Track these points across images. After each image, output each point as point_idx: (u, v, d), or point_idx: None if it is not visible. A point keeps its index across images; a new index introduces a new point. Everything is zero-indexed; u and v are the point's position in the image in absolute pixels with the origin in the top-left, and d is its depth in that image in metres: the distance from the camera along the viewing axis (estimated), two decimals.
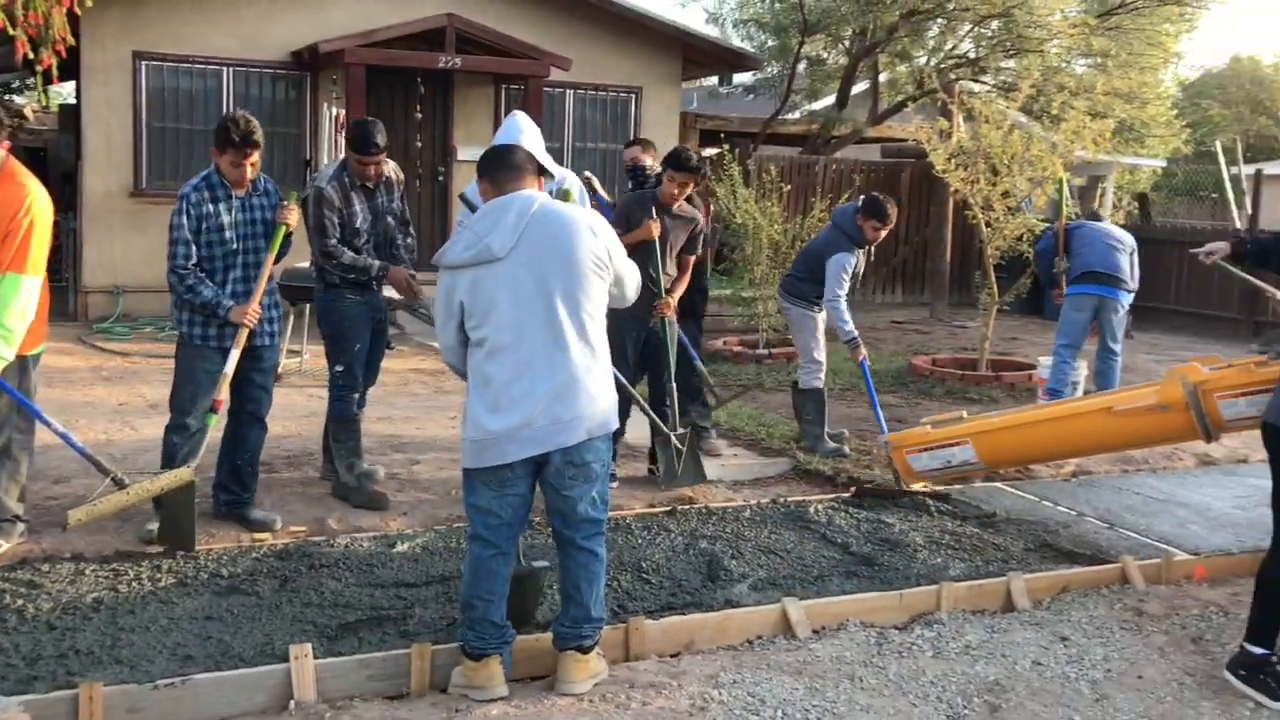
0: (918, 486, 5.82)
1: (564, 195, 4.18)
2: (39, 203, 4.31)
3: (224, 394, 4.81)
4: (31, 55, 7.57)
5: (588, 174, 6.71)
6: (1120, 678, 3.93)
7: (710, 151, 16.25)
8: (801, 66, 16.35)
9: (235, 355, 4.79)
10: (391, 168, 5.54)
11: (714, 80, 18.40)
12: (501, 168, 3.66)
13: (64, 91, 17.62)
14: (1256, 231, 4.86)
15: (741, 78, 18.06)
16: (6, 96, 18.94)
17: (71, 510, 4.31)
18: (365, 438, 5.87)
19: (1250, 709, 3.74)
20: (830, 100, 16.80)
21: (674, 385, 6.03)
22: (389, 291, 5.64)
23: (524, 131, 5.03)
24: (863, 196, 6.90)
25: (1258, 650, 3.86)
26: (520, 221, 3.51)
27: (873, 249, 7.09)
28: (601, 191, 6.71)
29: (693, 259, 6.21)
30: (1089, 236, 8.34)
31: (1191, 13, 15.85)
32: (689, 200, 6.14)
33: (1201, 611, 4.56)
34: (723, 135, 14.61)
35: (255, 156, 4.80)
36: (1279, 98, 33.43)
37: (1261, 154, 27.85)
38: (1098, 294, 8.11)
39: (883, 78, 16.25)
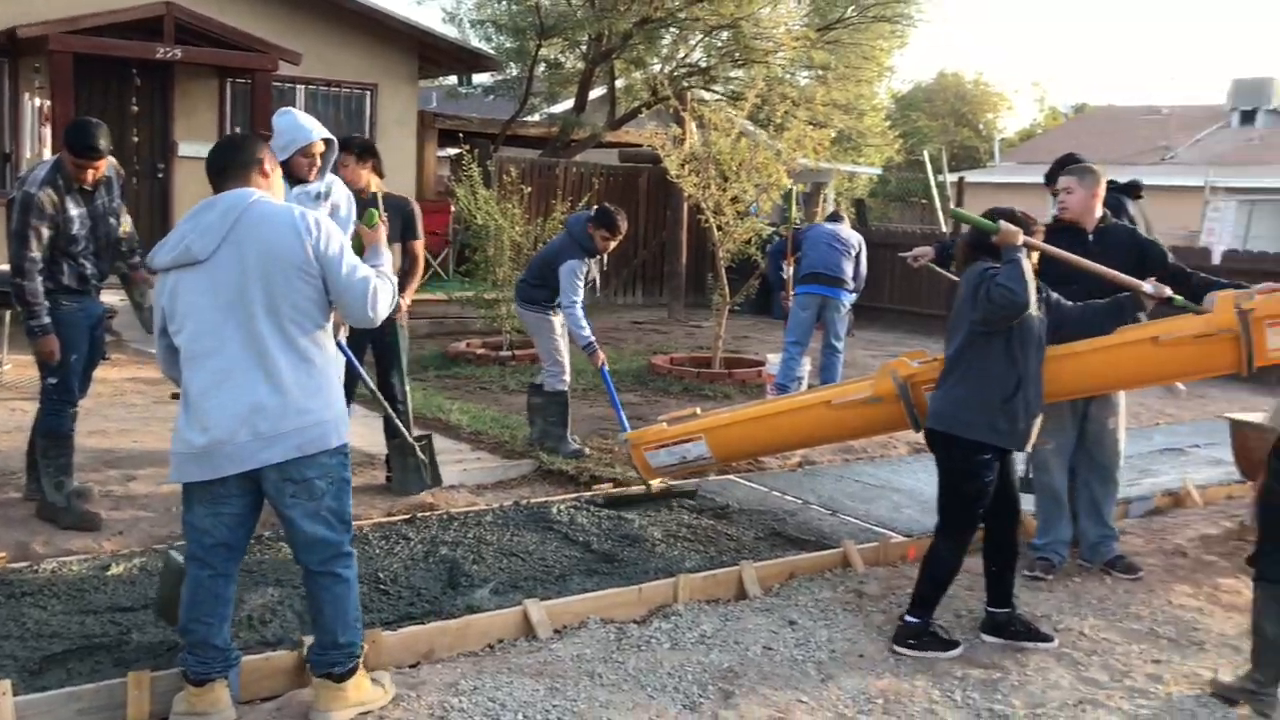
0: (656, 483, 5.96)
1: (369, 219, 3.86)
2: None
3: None
4: None
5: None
6: (844, 657, 4.16)
7: (450, 151, 16.12)
8: (540, 69, 16.45)
9: None
10: (111, 164, 5.14)
11: (453, 80, 18.21)
12: (220, 168, 3.42)
13: None
14: (956, 235, 5.28)
15: (481, 78, 17.96)
16: None
17: None
18: (76, 453, 5.45)
19: (959, 678, 4.03)
20: (569, 104, 16.98)
21: (407, 388, 5.94)
22: (109, 297, 5.24)
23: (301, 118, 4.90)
24: (595, 206, 7.01)
25: (916, 619, 4.27)
26: (224, 222, 3.28)
27: (614, 252, 7.23)
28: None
29: (418, 244, 6.03)
30: (814, 239, 8.82)
31: (903, 29, 17.03)
32: (391, 196, 5.91)
33: None
34: (462, 135, 14.50)
35: None
36: (979, 111, 36.39)
37: (964, 163, 30.25)
38: (821, 294, 8.60)
39: (619, 83, 16.57)
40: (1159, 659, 4.28)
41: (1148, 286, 4.71)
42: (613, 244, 6.79)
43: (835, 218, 9.50)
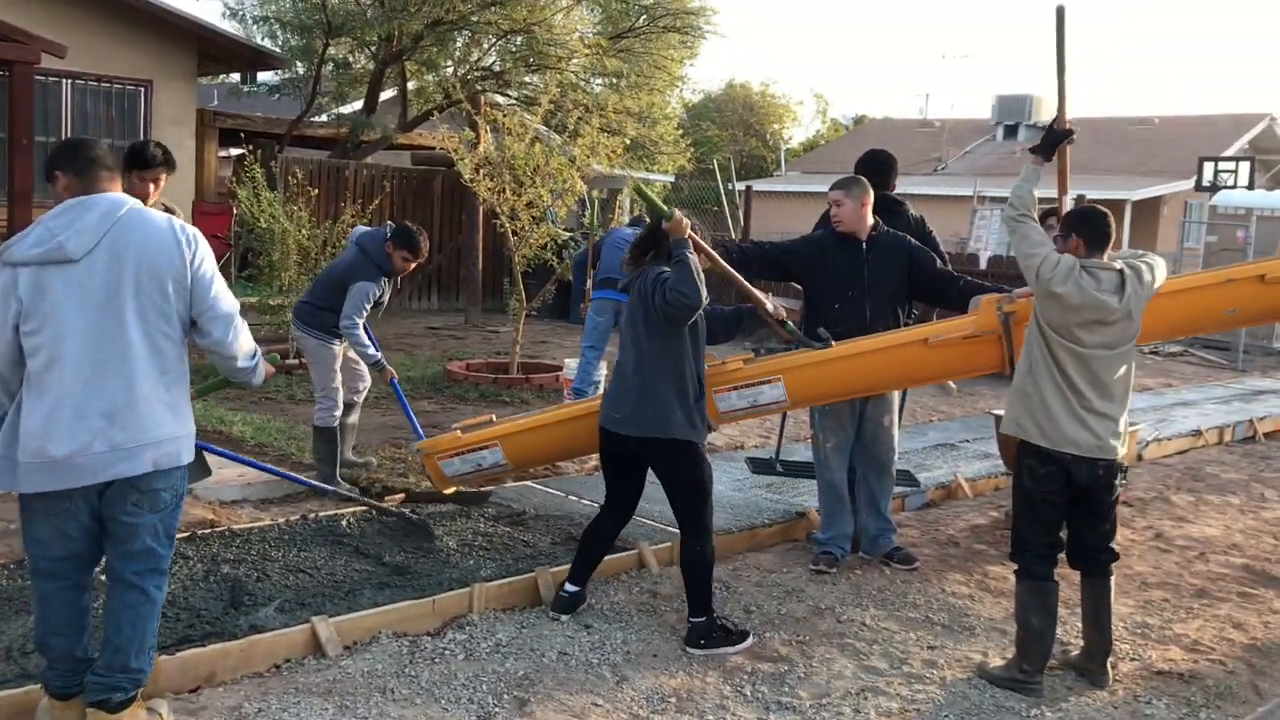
0: (449, 491, 5.88)
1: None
2: None
3: None
4: None
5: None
6: (638, 658, 4.21)
7: (233, 151, 15.49)
8: (328, 69, 16.01)
9: None
10: None
11: (236, 77, 17.50)
12: (90, 162, 3.27)
13: None
14: (743, 241, 5.41)
15: (265, 77, 17.33)
16: None
17: None
18: None
19: (748, 673, 4.15)
20: (359, 105, 16.59)
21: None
22: None
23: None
24: (390, 223, 6.54)
25: (701, 619, 4.38)
26: (104, 224, 3.19)
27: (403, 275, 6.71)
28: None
29: None
30: (611, 244, 8.90)
31: (692, 40, 17.42)
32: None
33: None
34: (244, 135, 13.95)
35: None
36: (766, 121, 37.59)
37: (752, 172, 31.21)
38: (616, 299, 8.67)
39: (411, 85, 16.31)
40: (934, 645, 4.52)
41: (769, 304, 4.94)
42: (412, 265, 6.28)
43: (638, 222, 9.58)
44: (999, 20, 78.65)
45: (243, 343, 3.43)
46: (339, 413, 6.28)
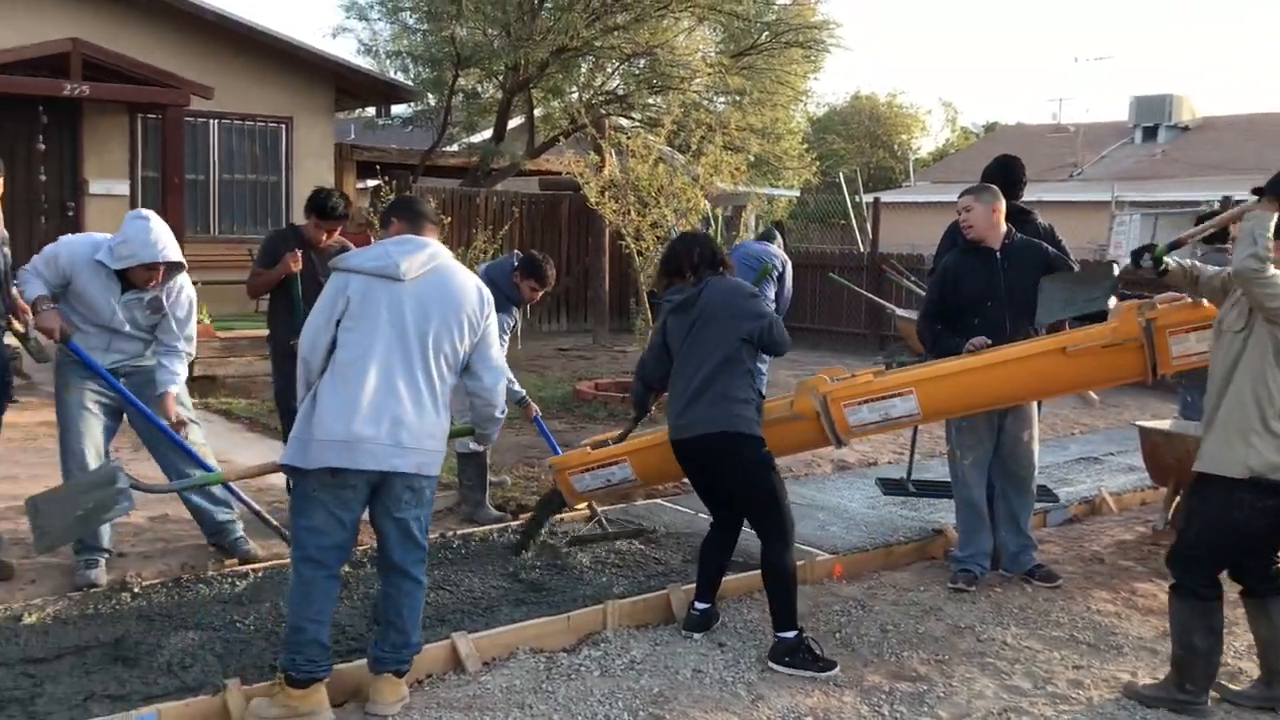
0: (580, 505, 5.94)
1: None
2: None
3: None
4: None
5: None
6: (773, 676, 4.18)
7: (369, 183, 16.00)
8: (458, 99, 16.42)
9: None
10: None
11: (371, 111, 18.09)
12: (419, 215, 3.96)
13: None
14: (926, 325, 5.07)
15: (399, 109, 17.86)
16: None
17: None
18: None
19: (886, 692, 4.09)
20: (488, 133, 16.96)
21: None
22: (10, 339, 5.12)
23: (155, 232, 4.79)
24: (518, 253, 6.60)
25: (789, 634, 4.30)
26: (430, 261, 3.76)
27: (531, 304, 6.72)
28: None
29: None
30: (737, 261, 8.86)
31: (816, 55, 17.31)
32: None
33: (842, 607, 4.95)
34: (379, 167, 14.40)
35: None
36: (893, 132, 37.08)
37: (880, 183, 30.80)
38: None
39: (538, 112, 16.61)
40: (1080, 664, 4.38)
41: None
42: (540, 295, 6.30)
43: (767, 236, 9.54)
44: (1134, 21, 76.08)
45: (502, 396, 4.02)
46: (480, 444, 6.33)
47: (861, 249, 17.13)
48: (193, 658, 4.04)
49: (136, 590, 4.73)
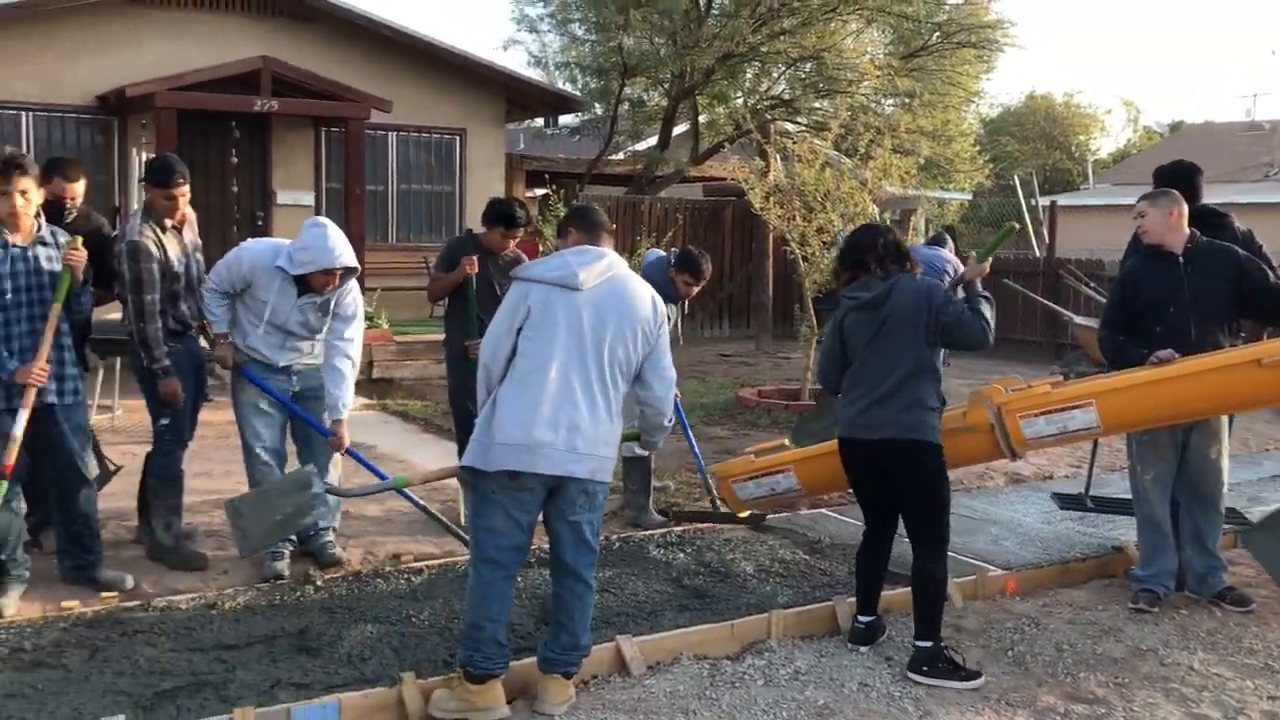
0: (744, 515, 5.93)
1: None
2: None
3: (12, 457, 4.48)
4: None
5: None
6: (941, 694, 4.08)
7: (537, 191, 16.37)
8: (624, 108, 16.63)
9: (24, 416, 4.49)
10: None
11: (540, 121, 18.51)
12: (596, 225, 4.12)
13: None
14: (1107, 336, 4.78)
15: (566, 119, 18.22)
16: None
17: None
18: (184, 494, 5.63)
19: (1061, 714, 3.94)
20: (653, 140, 17.12)
21: None
22: (204, 342, 5.46)
23: (332, 239, 5.04)
24: (674, 249, 6.65)
25: (928, 644, 4.19)
26: (607, 271, 3.86)
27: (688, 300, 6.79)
28: None
29: None
30: None
31: (989, 55, 16.84)
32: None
33: (1015, 624, 4.79)
34: (548, 176, 14.71)
35: (25, 184, 4.48)
36: (1071, 133, 35.73)
37: (1057, 186, 29.72)
38: None
39: (702, 118, 16.67)
40: (1275, 695, 4.13)
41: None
42: (695, 289, 6.31)
43: (938, 240, 9.31)
44: None
45: (670, 405, 4.08)
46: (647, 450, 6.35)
47: (1037, 254, 16.57)
48: (371, 650, 4.20)
49: (319, 583, 4.95)
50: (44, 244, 4.64)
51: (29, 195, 4.53)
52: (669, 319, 6.38)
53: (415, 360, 10.83)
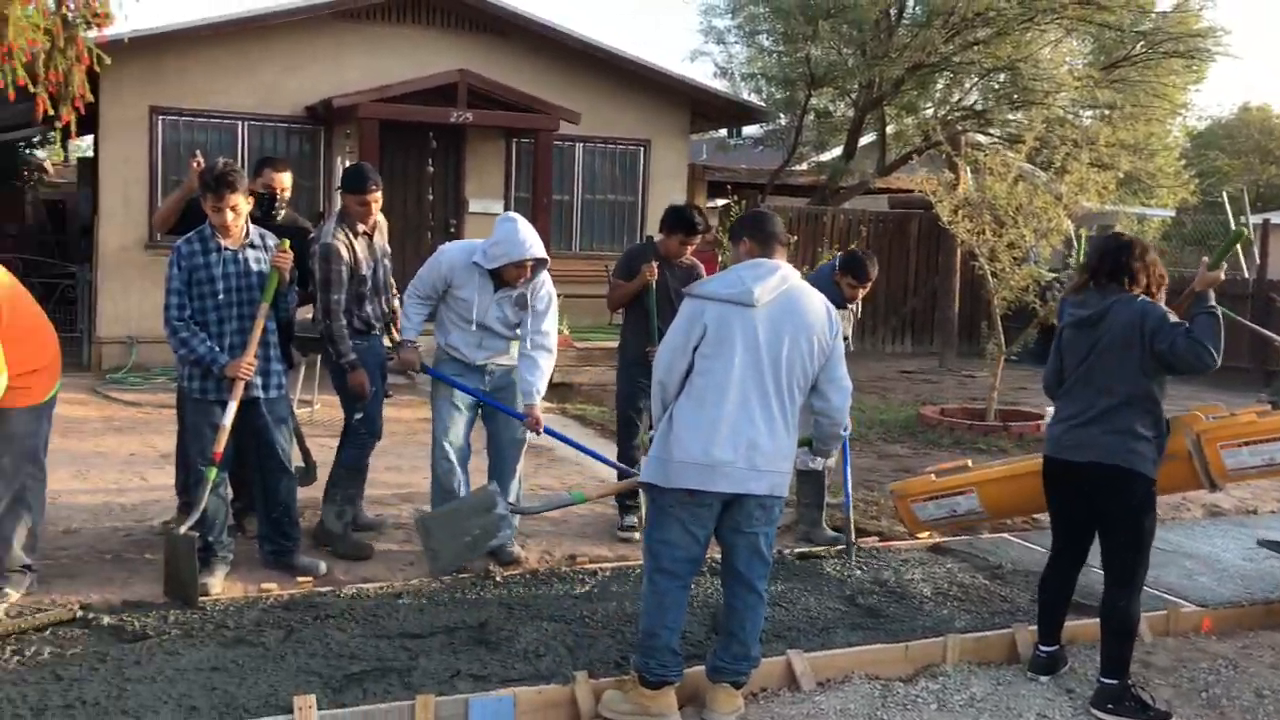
0: (923, 535, 5.81)
1: None
2: None
3: (221, 445, 4.81)
4: (51, 112, 7.71)
5: None
6: None
7: (719, 202, 16.43)
8: (809, 119, 16.52)
9: (233, 408, 4.82)
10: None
11: (723, 132, 18.56)
12: (771, 235, 3.97)
13: (83, 145, 17.86)
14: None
15: (750, 129, 18.22)
16: (28, 150, 19.26)
17: None
18: (373, 487, 5.89)
19: None
20: (838, 151, 16.94)
21: None
22: (388, 341, 5.72)
23: (522, 232, 5.24)
24: (839, 254, 6.59)
25: (1114, 681, 4.01)
26: (781, 285, 3.83)
27: (881, 299, 6.78)
28: None
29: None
30: None
31: (1198, 65, 15.97)
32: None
33: (1210, 665, 4.54)
34: (730, 186, 14.73)
35: (235, 200, 4.82)
36: None
37: (1272, 203, 27.92)
38: None
39: (889, 129, 16.40)
40: None
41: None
42: (861, 292, 6.19)
43: None
44: None
45: (846, 414, 4.07)
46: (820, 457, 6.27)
47: (1246, 275, 15.62)
48: (546, 647, 4.31)
49: (498, 580, 5.11)
50: (253, 247, 4.96)
51: (238, 208, 4.86)
52: (845, 329, 6.34)
53: (594, 366, 11.02)
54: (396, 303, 5.81)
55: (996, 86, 15.79)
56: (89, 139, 14.73)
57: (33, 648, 4.09)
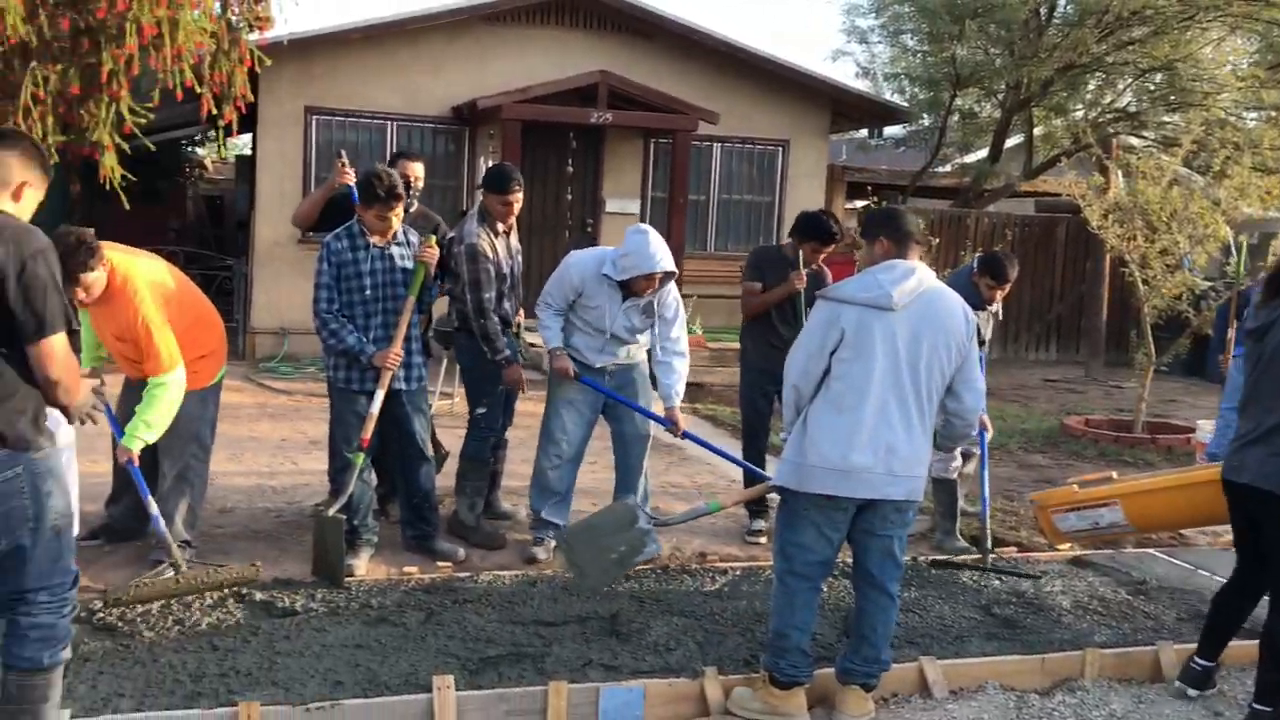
0: (1064, 547, 5.66)
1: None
2: (146, 302, 4.54)
3: (368, 433, 4.99)
4: (215, 111, 8.11)
5: None
6: None
7: (858, 203, 16.24)
8: (953, 119, 16.19)
9: (380, 397, 5.00)
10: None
11: (864, 132, 18.32)
12: (906, 235, 3.92)
13: (240, 143, 18.68)
14: None
15: (892, 130, 17.94)
16: (190, 148, 20.25)
17: (113, 588, 4.50)
18: (509, 479, 6.02)
19: None
20: (982, 153, 16.55)
21: None
22: (531, 337, 5.82)
23: (653, 245, 5.24)
24: (977, 257, 6.38)
25: (1268, 709, 3.81)
26: (918, 288, 3.79)
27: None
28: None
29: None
30: (1249, 295, 8.00)
31: None
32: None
33: None
34: (869, 187, 14.53)
35: (400, 209, 5.01)
36: None
37: None
38: None
39: (1037, 131, 15.95)
40: None
41: None
42: (1000, 293, 6.02)
43: None
44: None
45: (977, 416, 4.02)
46: (957, 464, 6.02)
47: None
48: (676, 641, 4.35)
49: (630, 574, 5.16)
50: (398, 243, 5.14)
51: (399, 215, 5.05)
52: (983, 332, 6.20)
53: (726, 367, 11.01)
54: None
55: (1152, 88, 15.21)
56: (246, 137, 15.40)
57: (192, 618, 4.32)
